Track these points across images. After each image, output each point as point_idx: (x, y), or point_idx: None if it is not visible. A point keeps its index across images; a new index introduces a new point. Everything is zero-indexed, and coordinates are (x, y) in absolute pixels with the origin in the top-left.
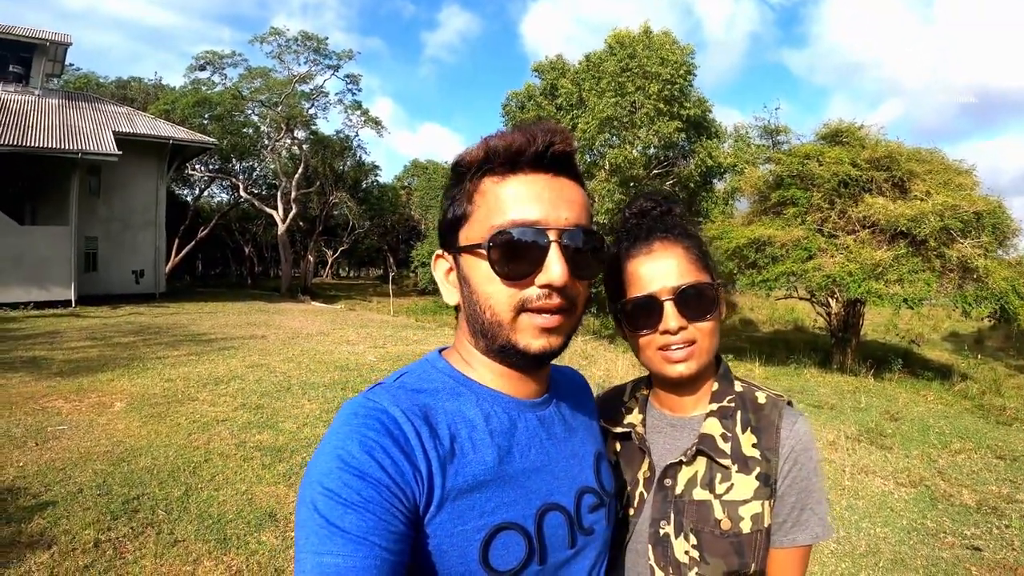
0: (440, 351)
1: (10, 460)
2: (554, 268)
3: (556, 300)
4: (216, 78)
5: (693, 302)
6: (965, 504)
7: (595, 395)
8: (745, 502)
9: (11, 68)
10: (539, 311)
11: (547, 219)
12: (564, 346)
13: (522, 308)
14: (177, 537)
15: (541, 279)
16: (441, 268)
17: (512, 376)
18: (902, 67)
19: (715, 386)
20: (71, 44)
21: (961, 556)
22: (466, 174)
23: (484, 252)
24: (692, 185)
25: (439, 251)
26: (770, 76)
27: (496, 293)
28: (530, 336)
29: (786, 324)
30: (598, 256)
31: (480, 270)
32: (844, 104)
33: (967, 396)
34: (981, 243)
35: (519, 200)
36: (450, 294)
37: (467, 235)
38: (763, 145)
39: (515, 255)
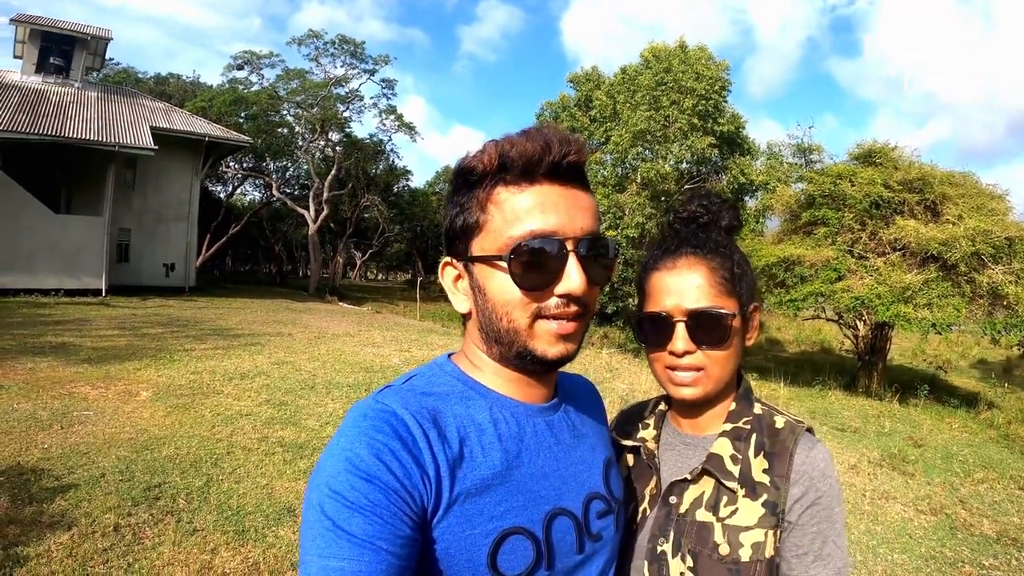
0: (449, 355)
1: (35, 442)
2: (574, 277)
3: (573, 308)
4: (253, 78)
5: (706, 328)
6: (985, 534)
7: (620, 409)
8: (748, 529)
9: (52, 60)
10: (555, 318)
11: (564, 229)
12: (578, 350)
13: (538, 315)
14: (196, 526)
15: (560, 288)
16: (449, 276)
17: (521, 381)
18: (950, 85)
19: (733, 406)
20: (111, 39)
21: None
22: (477, 182)
23: (504, 264)
24: None
25: (446, 259)
26: (817, 87)
27: (514, 302)
28: (547, 343)
29: (813, 345)
30: (610, 261)
31: (496, 279)
32: (889, 120)
33: (993, 425)
34: (1012, 269)
35: (537, 211)
36: (460, 302)
37: (481, 245)
38: (796, 163)
39: (535, 266)
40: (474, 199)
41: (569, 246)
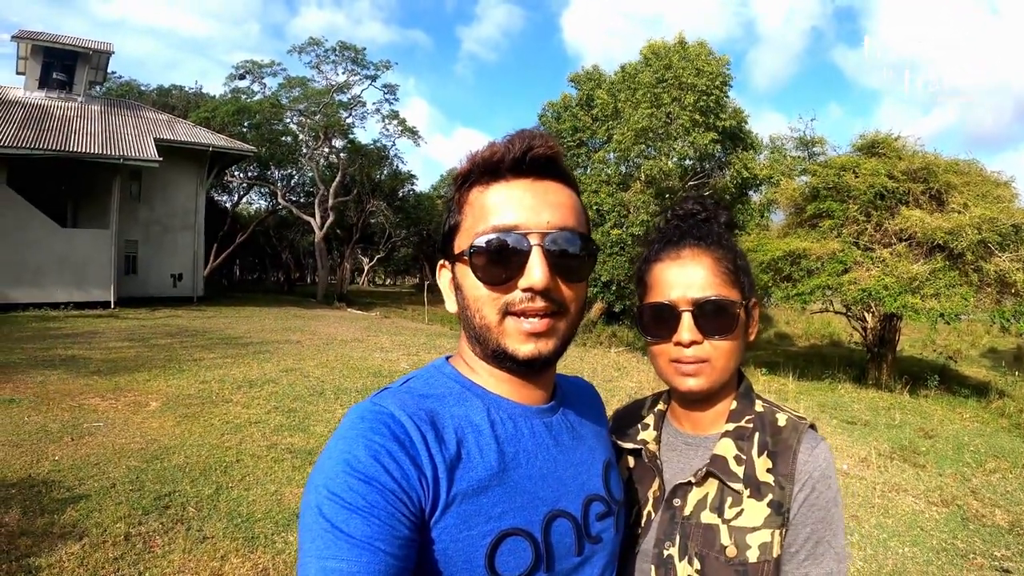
0: (447, 358)
1: (46, 454)
2: (535, 271)
3: (540, 303)
4: (255, 87)
5: (712, 317)
6: (997, 525)
7: (616, 408)
8: (754, 530)
9: (55, 75)
10: (523, 314)
11: (527, 223)
12: (558, 351)
13: (507, 312)
14: (206, 534)
15: (523, 282)
16: (445, 278)
17: (515, 382)
18: (958, 69)
19: (734, 405)
20: (113, 53)
21: None
22: (459, 186)
23: (467, 259)
24: (728, 197)
25: (441, 261)
26: (821, 77)
27: (483, 298)
28: (517, 341)
29: (821, 338)
30: (588, 258)
31: (469, 276)
32: (895, 107)
33: (1004, 414)
34: (1020, 257)
35: (500, 206)
36: (451, 302)
37: (458, 244)
38: (799, 156)
39: (496, 260)
40: (455, 202)
41: (534, 240)
